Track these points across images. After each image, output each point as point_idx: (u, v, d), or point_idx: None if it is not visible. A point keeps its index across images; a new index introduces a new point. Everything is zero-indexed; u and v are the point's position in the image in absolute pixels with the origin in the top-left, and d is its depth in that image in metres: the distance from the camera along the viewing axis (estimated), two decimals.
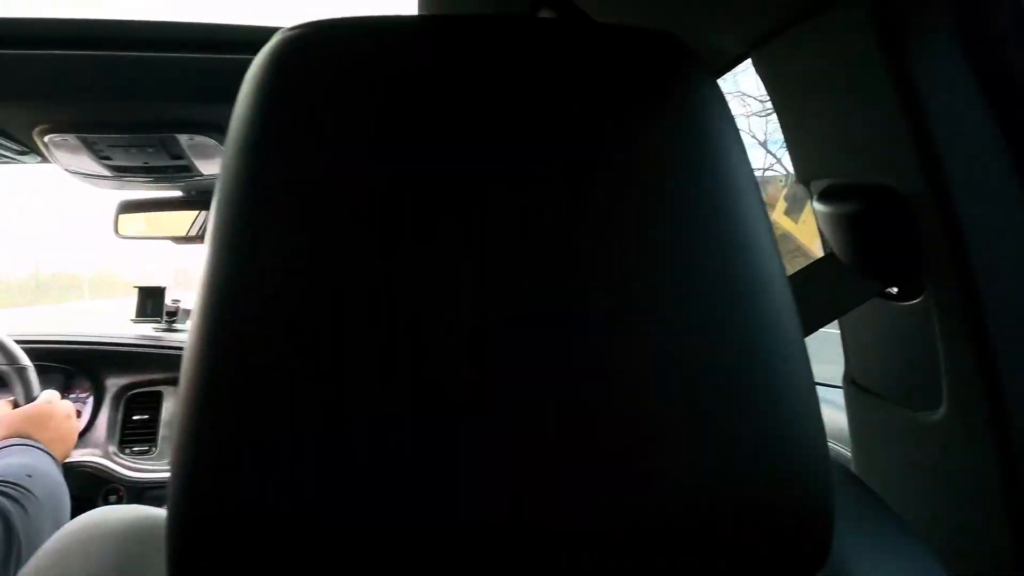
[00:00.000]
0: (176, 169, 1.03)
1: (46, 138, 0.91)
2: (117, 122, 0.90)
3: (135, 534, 0.41)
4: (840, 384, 0.61)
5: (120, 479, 1.22)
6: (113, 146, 0.94)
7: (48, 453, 0.82)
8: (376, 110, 0.26)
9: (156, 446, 1.28)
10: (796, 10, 0.45)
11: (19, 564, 0.60)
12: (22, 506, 0.63)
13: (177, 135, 0.92)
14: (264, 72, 0.27)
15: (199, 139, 0.94)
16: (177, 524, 0.24)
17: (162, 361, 1.32)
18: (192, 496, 0.23)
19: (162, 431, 1.29)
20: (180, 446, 0.24)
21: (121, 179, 1.05)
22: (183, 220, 1.23)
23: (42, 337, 1.28)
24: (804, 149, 0.54)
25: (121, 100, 0.87)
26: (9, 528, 0.60)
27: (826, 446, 0.26)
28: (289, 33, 0.28)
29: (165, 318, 1.34)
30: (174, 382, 1.33)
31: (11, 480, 0.67)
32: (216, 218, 0.26)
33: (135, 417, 1.30)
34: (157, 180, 1.09)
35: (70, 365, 1.28)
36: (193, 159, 0.99)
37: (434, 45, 0.27)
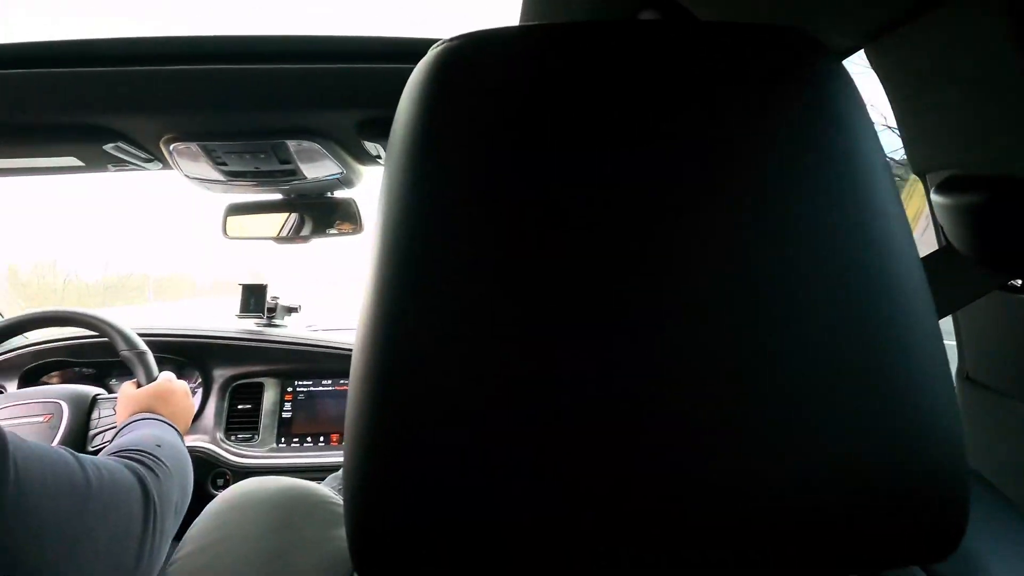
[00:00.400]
0: (283, 173, 1.09)
1: (171, 147, 0.98)
2: (234, 130, 0.97)
3: (286, 500, 0.46)
4: None
5: (227, 464, 1.31)
6: (229, 152, 1.01)
7: (172, 426, 0.88)
8: (529, 114, 0.28)
9: (258, 434, 1.36)
10: (920, 2, 0.45)
11: (155, 526, 0.64)
12: (155, 473, 0.68)
13: (287, 141, 0.99)
14: (429, 80, 0.30)
15: (306, 144, 1.00)
16: (355, 525, 0.27)
17: (263, 354, 1.40)
18: (366, 500, 0.26)
19: (263, 420, 1.37)
20: (353, 449, 0.27)
21: (232, 183, 1.13)
22: (280, 222, 1.31)
23: (156, 330, 1.38)
24: (921, 141, 0.53)
25: (238, 110, 0.93)
26: (147, 492, 0.64)
27: (962, 434, 0.27)
28: (448, 44, 0.31)
29: (266, 314, 1.43)
30: (274, 374, 1.41)
31: (144, 449, 0.72)
32: (383, 220, 0.29)
33: (239, 406, 1.39)
34: (263, 184, 1.16)
35: (181, 356, 1.38)
36: (299, 163, 1.06)
37: (576, 51, 0.29)
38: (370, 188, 1.28)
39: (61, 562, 0.54)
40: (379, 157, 1.11)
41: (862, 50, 0.55)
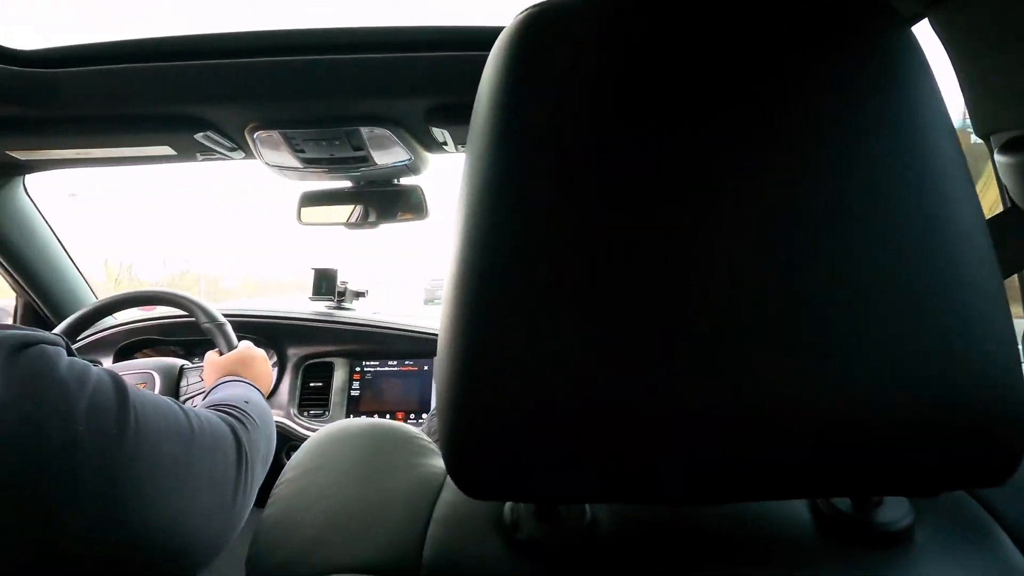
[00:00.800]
0: (355, 160, 1.15)
1: (255, 135, 1.06)
2: (312, 118, 1.04)
3: (377, 434, 0.50)
4: None
5: (300, 437, 1.38)
6: (307, 140, 1.08)
7: (255, 387, 0.95)
8: (614, 81, 0.29)
9: (329, 410, 1.44)
10: None
11: (247, 470, 0.69)
12: (244, 425, 0.73)
13: (361, 128, 1.05)
14: (513, 46, 0.32)
15: (378, 131, 1.06)
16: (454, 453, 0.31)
17: (333, 335, 1.47)
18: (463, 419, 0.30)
19: (333, 397, 1.44)
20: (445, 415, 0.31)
21: (307, 170, 1.20)
22: (350, 209, 1.37)
23: (235, 311, 1.47)
24: (985, 104, 0.54)
25: (318, 98, 0.99)
26: (238, 441, 0.70)
27: (1020, 365, 0.29)
28: (532, 10, 0.33)
29: (336, 297, 1.50)
30: (343, 354, 1.48)
31: (234, 404, 0.79)
32: (469, 192, 0.31)
33: (311, 384, 1.47)
34: (336, 171, 1.23)
35: (257, 336, 1.47)
36: (371, 150, 1.12)
37: (660, 17, 0.30)
38: (434, 175, 1.33)
39: (172, 495, 0.59)
40: (445, 144, 1.16)
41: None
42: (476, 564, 0.36)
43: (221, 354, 1.09)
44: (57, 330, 1.13)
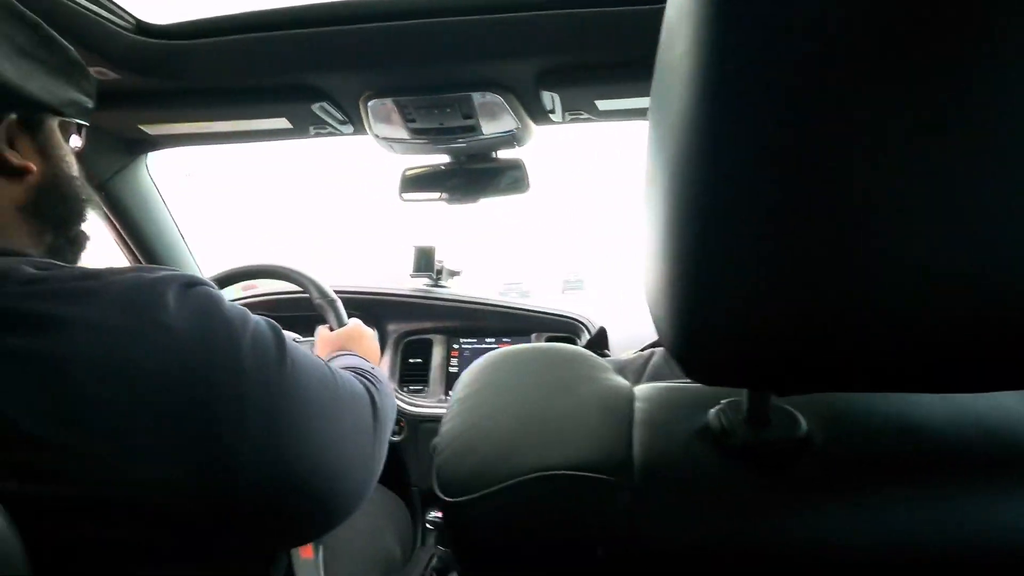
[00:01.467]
0: (463, 129, 1.16)
1: (369, 104, 1.07)
2: (426, 85, 1.04)
3: (550, 352, 0.49)
4: None
5: (401, 412, 1.40)
6: (419, 108, 1.08)
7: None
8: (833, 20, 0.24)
9: (428, 386, 1.45)
10: None
11: (381, 428, 0.70)
12: (375, 386, 0.74)
13: (473, 93, 1.04)
14: None
15: (489, 97, 1.05)
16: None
17: (432, 311, 1.49)
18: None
19: (432, 373, 1.45)
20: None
21: (415, 141, 1.21)
22: (451, 184, 1.38)
23: (337, 287, 1.50)
24: None
25: (432, 63, 1.00)
26: (373, 400, 0.70)
27: None
28: None
29: (435, 275, 1.51)
30: (441, 331, 1.49)
31: (364, 368, 0.80)
32: (667, 144, 0.29)
33: (410, 360, 1.48)
34: (441, 142, 1.23)
35: (359, 311, 1.49)
36: (480, 118, 1.11)
37: None
38: (536, 148, 1.32)
39: (323, 436, 0.60)
40: (552, 112, 1.14)
41: None
42: (690, 466, 0.34)
43: (332, 330, 1.11)
44: None
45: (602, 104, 1.10)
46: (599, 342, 0.69)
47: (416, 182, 1.39)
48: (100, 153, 1.22)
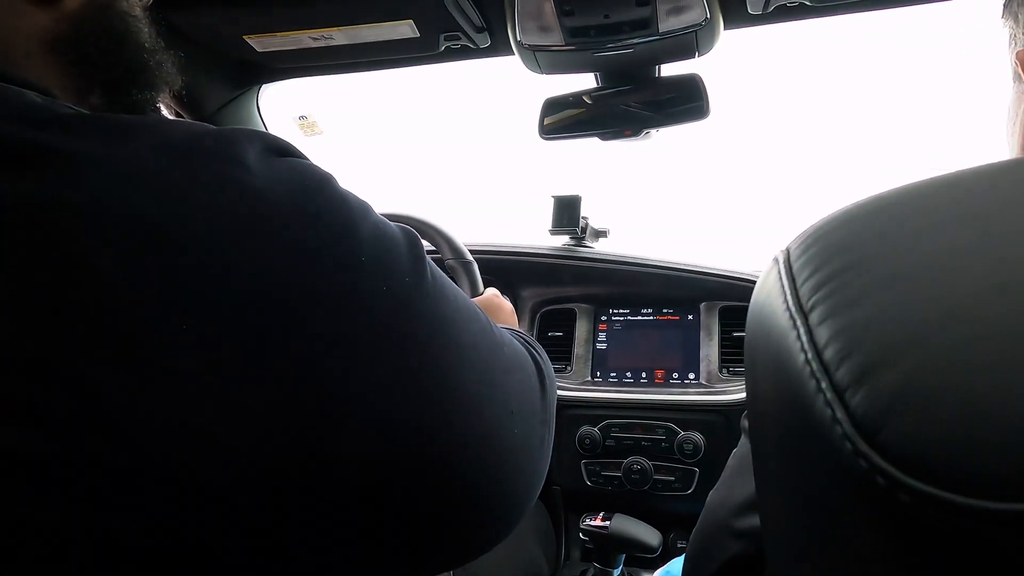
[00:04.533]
0: (634, 25, 0.89)
1: None
2: None
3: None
4: None
5: None
6: None
7: None
8: None
9: (571, 364, 1.19)
10: None
11: (550, 411, 0.50)
12: (539, 354, 0.54)
13: None
14: None
15: None
16: None
17: (576, 275, 1.23)
18: None
19: (576, 350, 1.20)
20: None
21: (566, 49, 0.96)
22: (605, 113, 1.12)
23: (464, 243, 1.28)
24: None
25: None
26: (540, 369, 0.51)
27: None
28: None
29: (579, 231, 1.26)
30: (586, 299, 1.23)
31: (524, 335, 0.60)
32: None
33: (549, 334, 1.24)
34: (603, 48, 0.97)
35: (490, 275, 1.26)
36: (658, 4, 0.85)
37: None
38: (718, 58, 1.03)
39: (480, 399, 0.38)
40: None
41: None
42: None
43: None
44: None
45: None
46: None
47: (560, 115, 1.14)
48: (205, 80, 1.06)
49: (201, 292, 0.27)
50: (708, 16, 0.88)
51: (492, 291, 0.91)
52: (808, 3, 0.88)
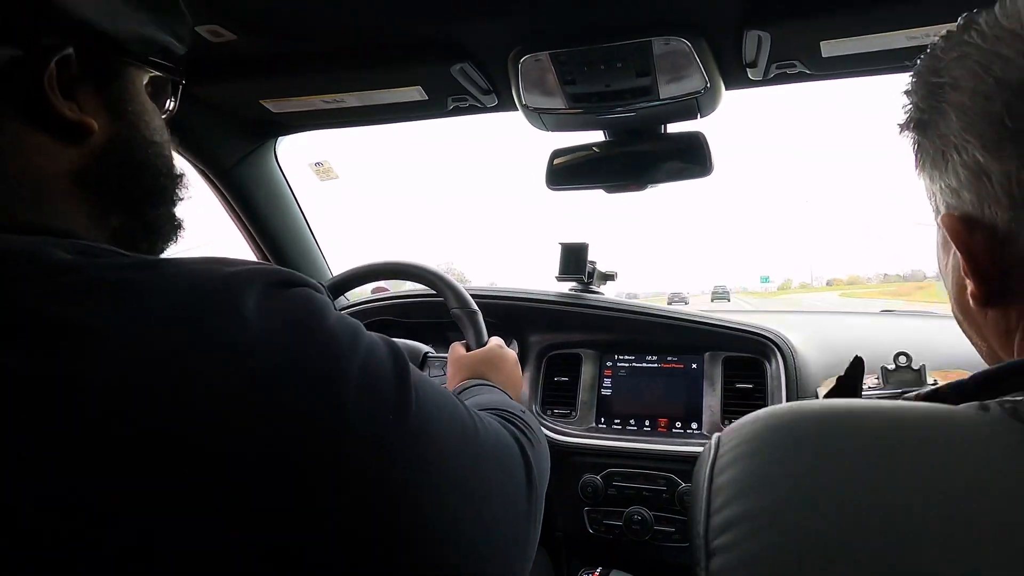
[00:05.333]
0: (635, 92, 0.92)
1: (521, 61, 0.86)
2: (592, 30, 0.81)
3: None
4: None
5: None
6: (581, 64, 0.86)
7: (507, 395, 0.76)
8: None
9: (576, 410, 1.21)
10: None
11: (536, 502, 0.52)
12: (528, 439, 0.56)
13: (653, 39, 0.80)
14: None
15: (674, 43, 0.81)
16: None
17: (582, 321, 1.25)
18: None
19: (581, 395, 1.22)
20: None
21: (569, 112, 0.99)
22: (611, 167, 1.14)
23: (473, 290, 1.30)
24: None
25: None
26: (526, 456, 0.52)
27: None
28: None
29: (585, 278, 1.28)
30: (592, 345, 1.25)
31: (512, 411, 0.61)
32: None
33: (555, 379, 1.26)
34: (604, 111, 1.00)
35: (496, 319, 1.29)
36: (658, 74, 0.87)
37: None
38: (719, 118, 1.05)
39: (459, 509, 0.41)
40: (753, 65, 0.88)
41: None
42: None
43: (468, 349, 0.91)
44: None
45: (829, 47, 0.81)
46: (853, 382, 0.43)
47: (568, 166, 1.16)
48: (224, 137, 1.11)
49: (191, 450, 0.30)
50: (708, 84, 0.90)
51: (496, 341, 0.92)
52: (807, 71, 0.89)
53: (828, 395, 0.44)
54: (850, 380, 0.43)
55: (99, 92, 0.42)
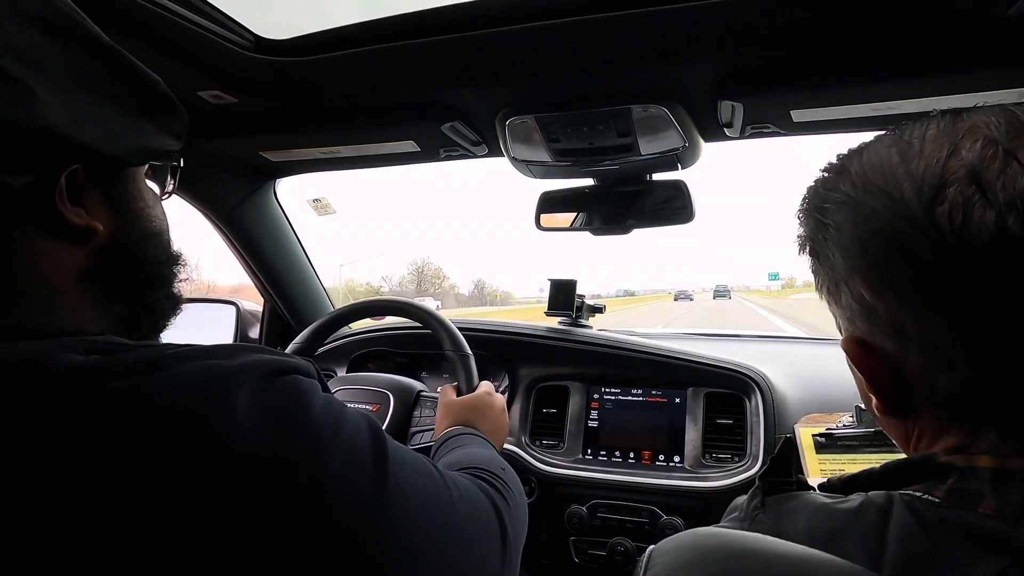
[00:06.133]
0: (616, 150, 0.96)
1: (508, 122, 0.91)
2: (575, 97, 0.86)
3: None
4: None
5: (532, 470, 1.22)
6: (565, 125, 0.90)
7: (492, 444, 0.80)
8: None
9: (564, 442, 1.26)
10: None
11: (511, 564, 0.55)
12: (506, 501, 0.59)
13: (632, 106, 0.85)
14: None
15: (652, 110, 0.85)
16: None
17: (570, 355, 1.29)
18: None
19: (569, 427, 1.26)
20: None
21: (557, 165, 1.03)
22: (597, 211, 1.19)
23: (465, 324, 1.35)
24: None
25: (583, 71, 0.81)
26: (502, 524, 0.56)
27: None
28: None
29: (574, 312, 1.32)
30: (580, 378, 1.30)
31: (493, 471, 0.64)
32: None
33: (544, 410, 1.30)
34: (589, 165, 1.04)
35: (488, 352, 1.34)
36: (638, 135, 0.91)
37: None
38: (701, 169, 1.09)
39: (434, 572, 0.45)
40: (728, 125, 0.92)
41: None
42: None
43: (459, 392, 0.95)
44: (306, 333, 1.08)
45: (799, 115, 0.86)
46: (782, 462, 0.46)
47: (556, 208, 1.21)
48: (224, 182, 1.16)
49: (184, 518, 0.34)
50: (687, 143, 0.94)
51: (485, 387, 0.96)
52: (781, 132, 0.94)
53: (764, 475, 0.45)
54: (782, 463, 0.46)
55: (104, 193, 0.45)
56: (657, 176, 1.12)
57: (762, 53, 0.77)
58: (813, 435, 1.05)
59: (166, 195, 0.54)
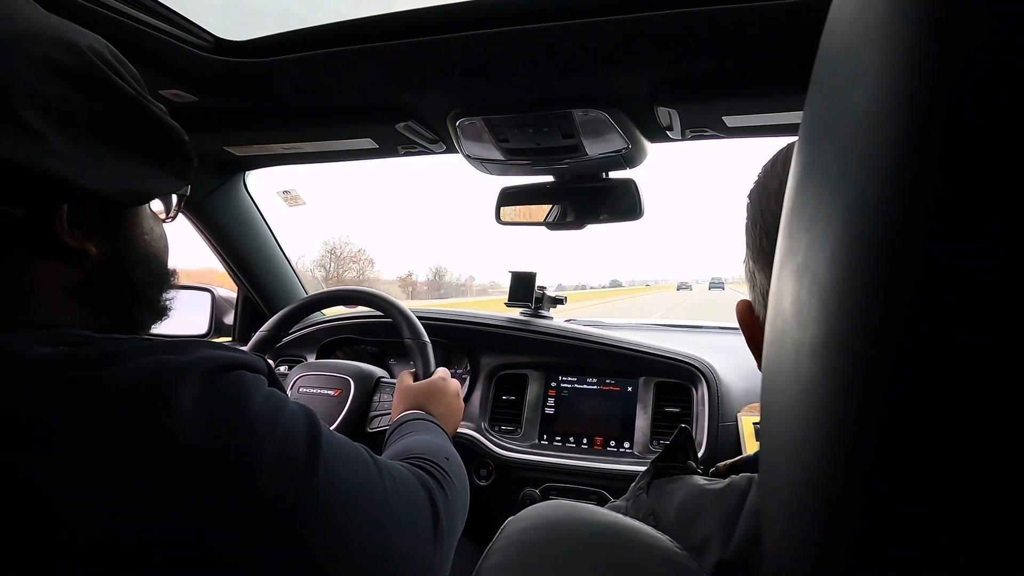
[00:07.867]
0: (564, 150, 1.00)
1: (458, 123, 0.95)
2: (520, 101, 0.90)
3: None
4: None
5: (490, 454, 1.27)
6: (512, 127, 0.95)
7: (443, 430, 0.84)
8: None
9: (521, 427, 1.31)
10: None
11: (443, 549, 0.58)
12: (444, 490, 0.62)
13: (574, 111, 0.89)
14: None
15: (593, 114, 0.90)
16: None
17: (529, 345, 1.34)
18: None
19: (526, 413, 1.32)
20: None
21: (510, 162, 1.08)
22: (553, 207, 1.23)
23: (429, 314, 1.40)
24: None
25: (525, 77, 0.86)
26: (436, 513, 0.58)
27: None
28: None
29: (534, 304, 1.37)
30: (538, 367, 1.35)
31: (435, 460, 0.67)
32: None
33: (503, 397, 1.35)
34: (540, 164, 1.09)
35: (450, 341, 1.39)
36: (583, 137, 0.96)
37: None
38: (651, 168, 1.14)
39: (360, 558, 0.48)
40: (669, 129, 0.96)
41: None
42: None
43: (416, 378, 1.00)
44: (271, 322, 1.12)
45: (732, 120, 0.90)
46: (677, 450, 0.51)
47: (514, 202, 1.25)
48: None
49: (131, 532, 0.38)
50: (630, 145, 0.99)
51: (440, 372, 1.00)
52: (719, 135, 0.98)
53: (657, 459, 0.49)
54: (678, 450, 0.51)
55: (105, 219, 0.48)
56: (613, 174, 1.17)
57: (693, 64, 0.81)
58: (753, 423, 1.11)
59: (169, 219, 0.57)
